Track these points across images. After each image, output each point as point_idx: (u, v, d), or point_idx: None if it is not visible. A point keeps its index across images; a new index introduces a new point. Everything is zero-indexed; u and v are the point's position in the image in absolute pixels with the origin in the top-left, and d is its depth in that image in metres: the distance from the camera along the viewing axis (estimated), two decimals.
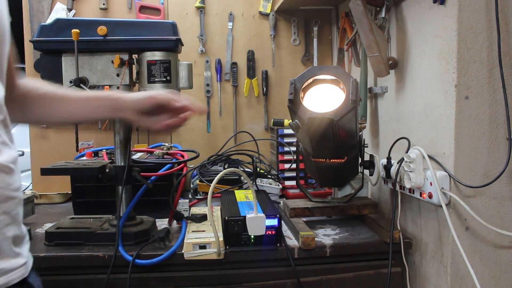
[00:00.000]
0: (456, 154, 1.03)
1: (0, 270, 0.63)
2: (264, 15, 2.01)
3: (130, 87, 1.16)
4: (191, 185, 1.71)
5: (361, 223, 1.33)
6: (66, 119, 0.93)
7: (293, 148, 1.69)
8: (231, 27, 2.00)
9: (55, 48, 1.12)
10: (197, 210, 1.35)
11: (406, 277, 1.21)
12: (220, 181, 1.22)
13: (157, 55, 1.13)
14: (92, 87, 1.12)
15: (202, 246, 1.08)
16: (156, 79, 1.15)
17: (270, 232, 1.11)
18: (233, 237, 1.11)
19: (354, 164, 1.28)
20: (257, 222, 1.05)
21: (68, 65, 1.13)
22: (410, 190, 1.15)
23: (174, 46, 1.14)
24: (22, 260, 0.67)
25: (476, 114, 1.02)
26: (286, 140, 1.76)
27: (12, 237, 0.66)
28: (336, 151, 1.23)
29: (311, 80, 1.20)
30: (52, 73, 1.13)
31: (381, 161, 1.30)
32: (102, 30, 1.10)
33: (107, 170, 1.15)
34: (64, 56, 1.13)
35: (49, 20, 1.64)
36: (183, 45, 1.22)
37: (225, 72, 2.02)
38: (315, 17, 2.00)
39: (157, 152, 1.52)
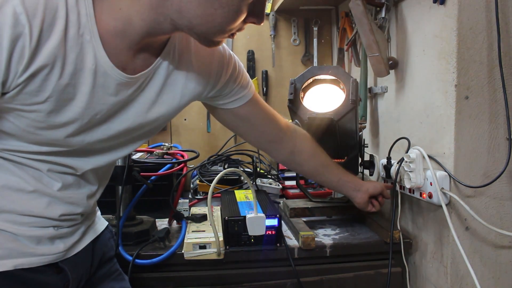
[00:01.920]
0: (456, 154, 1.03)
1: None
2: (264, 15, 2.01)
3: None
4: (191, 185, 1.71)
5: (361, 223, 1.33)
6: (320, 181, 1.19)
7: None
8: None
9: None
10: (197, 210, 1.35)
11: (406, 277, 1.21)
12: (220, 181, 1.22)
13: None
14: None
15: (202, 246, 1.08)
16: None
17: (270, 232, 1.11)
18: (233, 237, 1.11)
19: (354, 164, 1.28)
20: (257, 222, 1.05)
21: None
22: (410, 190, 1.15)
23: None
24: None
25: (476, 114, 1.02)
26: None
27: None
28: (336, 151, 1.23)
29: (311, 80, 1.20)
30: None
31: (381, 161, 1.30)
32: None
33: None
34: None
35: None
36: None
37: None
38: (315, 17, 2.00)
39: (157, 152, 1.52)
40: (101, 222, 0.93)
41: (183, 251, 1.08)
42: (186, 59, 0.77)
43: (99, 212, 0.94)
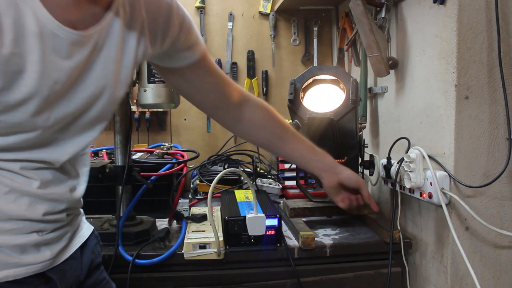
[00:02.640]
0: (456, 154, 1.03)
1: None
2: (264, 15, 2.01)
3: (130, 87, 1.16)
4: (191, 185, 1.71)
5: (361, 223, 1.33)
6: (277, 153, 1.11)
7: None
8: (231, 27, 2.00)
9: None
10: (197, 210, 1.35)
11: (406, 277, 1.21)
12: (220, 181, 1.22)
13: None
14: None
15: (202, 246, 1.08)
16: (156, 79, 1.15)
17: (270, 232, 1.11)
18: (233, 237, 1.11)
19: (354, 164, 1.28)
20: (257, 222, 1.05)
21: None
22: (410, 190, 1.15)
23: None
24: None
25: (476, 114, 1.02)
26: None
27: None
28: (336, 151, 1.23)
29: (311, 80, 1.20)
30: None
31: (381, 161, 1.30)
32: None
33: (107, 170, 1.15)
34: None
35: None
36: None
37: (225, 72, 2.02)
38: (315, 17, 2.00)
39: (157, 152, 1.52)
40: (86, 227, 0.87)
41: (183, 251, 1.08)
42: (137, 10, 0.71)
43: (84, 217, 0.89)
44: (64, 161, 0.71)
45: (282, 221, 1.24)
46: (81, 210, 0.85)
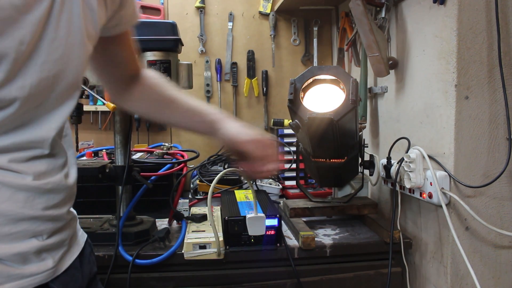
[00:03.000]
0: (456, 154, 1.03)
1: None
2: (264, 15, 2.01)
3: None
4: (191, 185, 1.71)
5: (361, 223, 1.33)
6: (171, 124, 0.99)
7: (293, 148, 1.69)
8: (231, 27, 2.00)
9: None
10: (197, 210, 1.35)
11: (406, 277, 1.21)
12: (220, 181, 1.22)
13: (157, 55, 1.13)
14: (92, 87, 1.12)
15: (202, 246, 1.08)
16: None
17: (270, 232, 1.11)
18: (233, 237, 1.11)
19: (354, 164, 1.28)
20: (257, 222, 1.05)
21: None
22: (410, 190, 1.15)
23: (174, 46, 1.14)
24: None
25: (476, 114, 1.02)
26: (286, 140, 1.76)
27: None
28: (336, 151, 1.23)
29: (311, 80, 1.20)
30: None
31: (381, 161, 1.30)
32: None
33: (107, 170, 1.15)
34: None
35: None
36: (183, 45, 1.22)
37: (225, 72, 2.02)
38: (315, 17, 2.00)
39: (157, 152, 1.52)
40: (81, 234, 0.84)
41: (183, 251, 1.08)
42: None
43: (78, 221, 0.85)
44: (52, 142, 0.66)
45: (282, 221, 1.24)
46: (75, 213, 0.81)
